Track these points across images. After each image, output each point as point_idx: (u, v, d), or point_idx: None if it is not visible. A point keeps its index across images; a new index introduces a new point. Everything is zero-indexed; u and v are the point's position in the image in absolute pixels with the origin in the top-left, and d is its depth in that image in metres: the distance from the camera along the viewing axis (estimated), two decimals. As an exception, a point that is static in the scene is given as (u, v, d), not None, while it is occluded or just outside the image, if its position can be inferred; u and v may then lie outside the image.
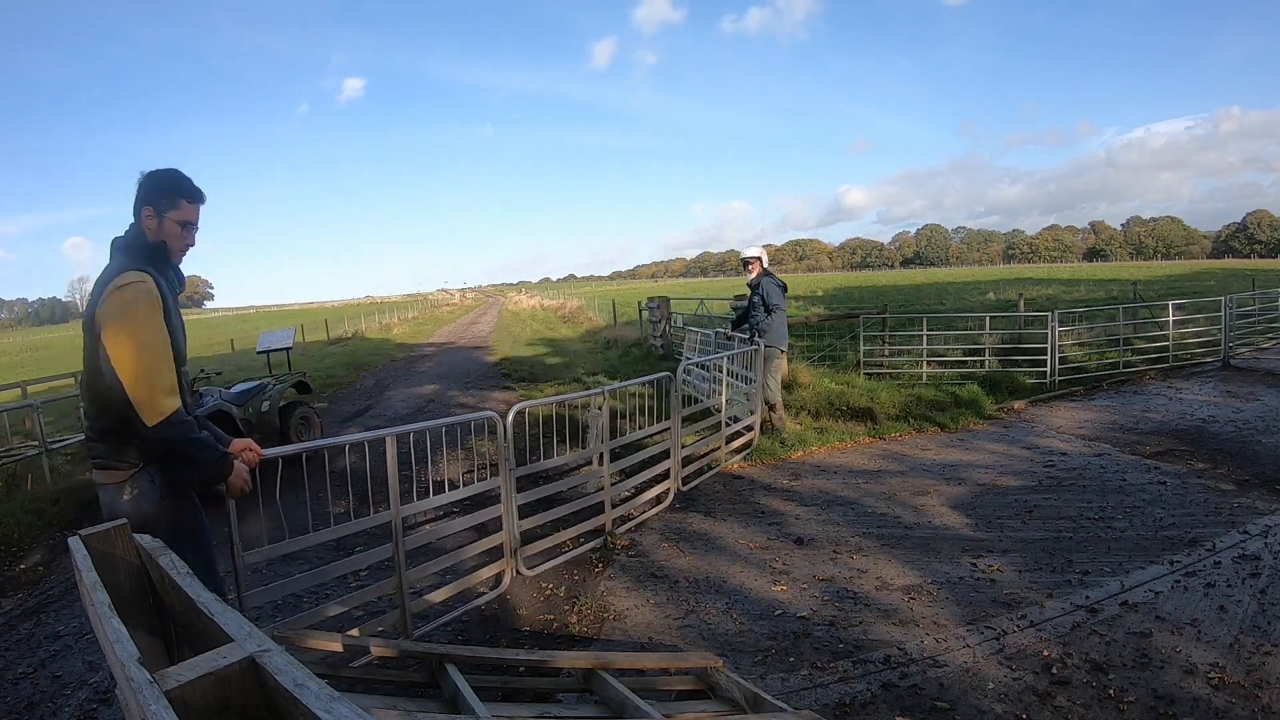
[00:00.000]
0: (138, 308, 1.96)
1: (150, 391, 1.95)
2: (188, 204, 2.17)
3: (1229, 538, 3.80)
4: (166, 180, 2.15)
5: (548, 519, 4.02)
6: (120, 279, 1.99)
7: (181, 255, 2.23)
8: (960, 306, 20.24)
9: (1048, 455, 5.63)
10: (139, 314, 1.96)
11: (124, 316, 1.95)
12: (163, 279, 2.09)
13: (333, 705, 0.70)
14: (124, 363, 1.94)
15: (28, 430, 7.93)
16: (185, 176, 2.19)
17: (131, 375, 1.94)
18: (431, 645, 2.30)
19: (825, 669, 2.82)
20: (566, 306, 30.44)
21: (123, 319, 1.95)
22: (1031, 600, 3.27)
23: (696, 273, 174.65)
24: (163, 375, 1.98)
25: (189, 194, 2.17)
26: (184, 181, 2.17)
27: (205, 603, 1.02)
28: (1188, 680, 2.57)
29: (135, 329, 1.95)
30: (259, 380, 6.88)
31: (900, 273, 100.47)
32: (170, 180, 2.15)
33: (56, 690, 3.04)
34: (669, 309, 12.95)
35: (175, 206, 2.15)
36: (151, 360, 1.96)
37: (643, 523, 4.59)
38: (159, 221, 2.14)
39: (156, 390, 1.96)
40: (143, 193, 2.14)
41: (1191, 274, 37.95)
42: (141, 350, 1.95)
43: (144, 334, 1.96)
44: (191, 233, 2.21)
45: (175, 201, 2.15)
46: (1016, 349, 9.12)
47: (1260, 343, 10.37)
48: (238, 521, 2.78)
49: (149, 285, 2.00)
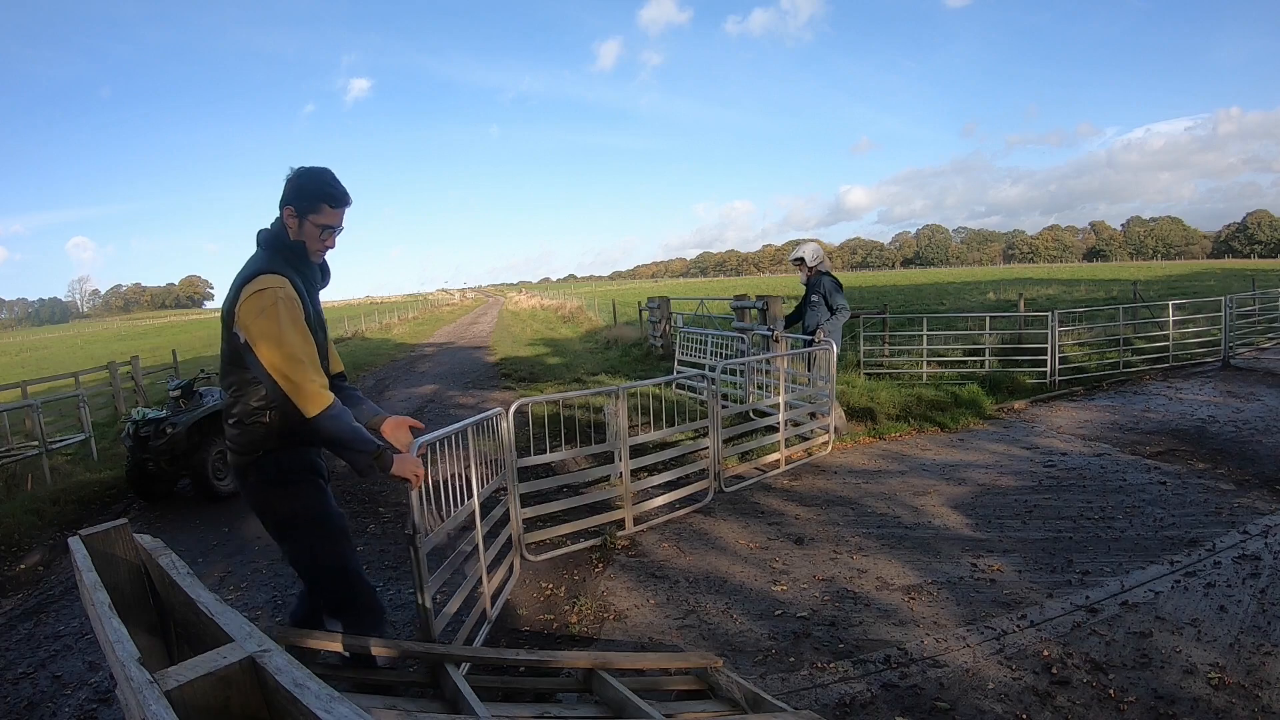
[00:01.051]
0: (279, 313, 2.03)
1: (305, 388, 2.04)
2: (329, 209, 2.20)
3: (1229, 538, 3.80)
4: (310, 183, 2.18)
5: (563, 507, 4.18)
6: (258, 282, 2.05)
7: (320, 256, 2.28)
8: (960, 306, 20.23)
9: (1048, 455, 5.62)
10: (282, 319, 2.03)
11: (268, 322, 2.02)
12: (301, 277, 2.18)
13: (333, 705, 0.70)
14: (275, 368, 2.03)
15: (28, 430, 7.94)
16: (331, 181, 2.20)
17: (284, 377, 2.03)
18: (432, 645, 2.30)
19: (825, 669, 2.82)
20: (566, 306, 30.44)
21: (267, 322, 2.02)
22: (1031, 600, 3.27)
23: (696, 273, 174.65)
24: (311, 373, 2.07)
25: (331, 199, 2.19)
26: (328, 186, 2.19)
27: (205, 603, 1.02)
28: (1188, 680, 2.57)
29: (280, 335, 2.02)
30: (259, 380, 6.87)
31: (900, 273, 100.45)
32: (313, 184, 2.18)
33: (56, 690, 3.04)
34: (669, 309, 12.95)
35: (316, 210, 2.18)
36: (300, 362, 2.05)
37: (675, 520, 4.64)
38: (299, 222, 2.18)
39: (311, 386, 2.05)
40: (287, 191, 2.17)
41: (1191, 274, 37.95)
42: (289, 355, 2.03)
43: (289, 339, 2.03)
44: (332, 236, 2.24)
45: (317, 206, 2.18)
46: (1016, 349, 9.12)
47: (1260, 343, 10.35)
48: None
49: (287, 290, 2.07)
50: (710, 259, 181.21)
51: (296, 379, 2.03)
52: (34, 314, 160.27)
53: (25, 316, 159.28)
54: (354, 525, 4.94)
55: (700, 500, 4.89)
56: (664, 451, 4.86)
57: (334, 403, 2.10)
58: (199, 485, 5.69)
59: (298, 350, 2.05)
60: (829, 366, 6.13)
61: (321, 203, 2.17)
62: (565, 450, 4.28)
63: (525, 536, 4.01)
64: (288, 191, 2.17)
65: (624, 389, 4.53)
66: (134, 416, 5.82)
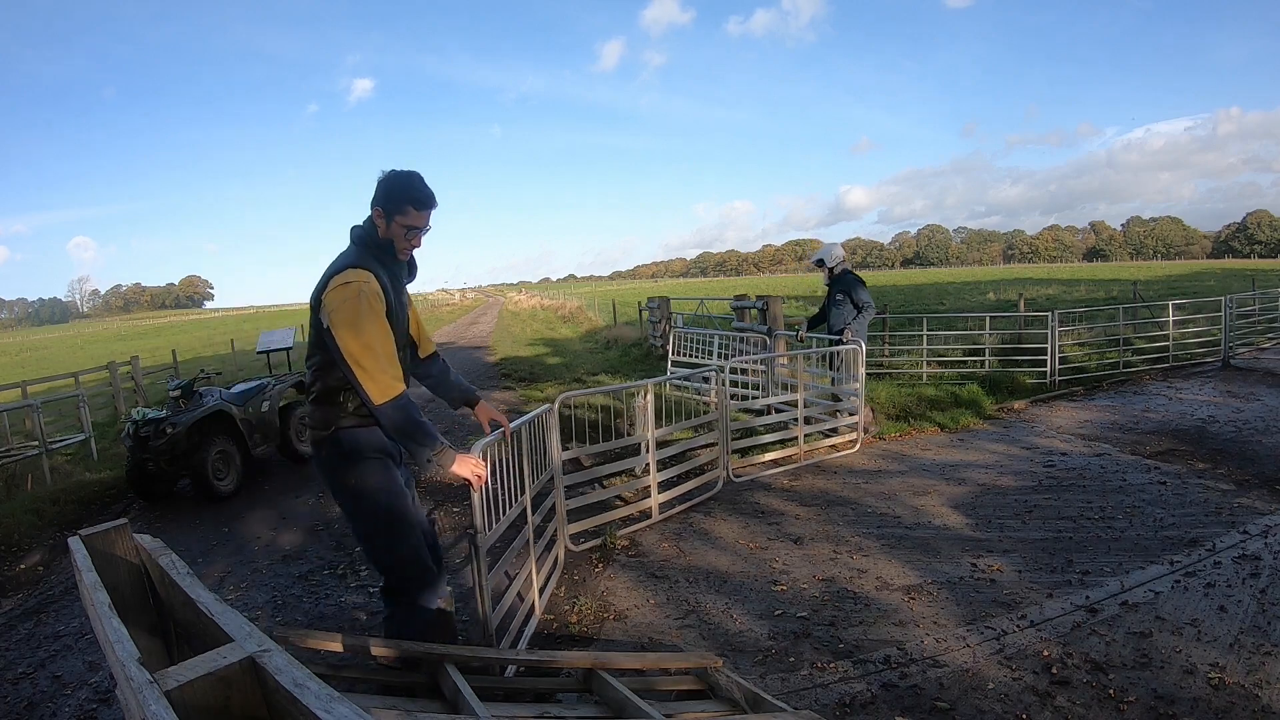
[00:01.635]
0: (360, 306, 2.17)
1: (376, 377, 2.19)
2: (415, 211, 2.32)
3: (1229, 538, 3.80)
4: (396, 186, 2.30)
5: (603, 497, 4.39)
6: (345, 275, 2.22)
7: (407, 254, 2.40)
8: (960, 306, 20.24)
9: (1048, 455, 5.63)
10: (361, 311, 2.17)
11: (348, 313, 2.17)
12: (387, 272, 2.32)
13: (333, 705, 0.70)
14: (350, 355, 2.18)
15: (28, 430, 7.94)
16: (417, 184, 2.32)
17: (357, 364, 2.18)
18: (431, 646, 2.29)
19: (825, 669, 2.82)
20: (566, 306, 30.44)
21: (347, 316, 2.17)
22: (1031, 600, 3.27)
23: (696, 273, 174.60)
24: (384, 364, 2.21)
25: (416, 202, 2.31)
26: (413, 189, 2.31)
27: (205, 603, 1.02)
28: (1188, 680, 2.57)
29: (359, 327, 2.17)
30: (259, 380, 6.88)
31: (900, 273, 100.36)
32: (399, 187, 2.30)
33: (56, 690, 3.05)
34: (669, 309, 12.95)
35: (402, 212, 2.30)
36: (374, 353, 2.18)
37: (693, 507, 4.80)
38: (387, 222, 2.32)
39: (382, 375, 2.19)
40: (377, 193, 2.32)
41: (1191, 274, 37.94)
42: (365, 346, 2.17)
43: (366, 331, 2.18)
44: (417, 236, 2.37)
45: (403, 208, 2.30)
46: (1016, 349, 9.12)
47: (1260, 343, 10.35)
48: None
49: (371, 285, 2.21)
50: (710, 259, 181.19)
51: (368, 367, 2.18)
52: (34, 314, 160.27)
53: (25, 316, 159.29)
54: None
55: (711, 489, 5.04)
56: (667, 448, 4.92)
57: (401, 395, 2.23)
58: (199, 485, 5.69)
59: (373, 341, 2.18)
60: (858, 365, 6.11)
61: (407, 205, 2.30)
62: (603, 443, 4.44)
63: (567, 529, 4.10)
64: (378, 193, 2.31)
65: (653, 383, 4.73)
66: (134, 416, 5.82)
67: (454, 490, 5.44)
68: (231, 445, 5.98)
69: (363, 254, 2.30)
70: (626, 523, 4.47)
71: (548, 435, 3.87)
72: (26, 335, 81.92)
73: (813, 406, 6.22)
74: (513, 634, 3.01)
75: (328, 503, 5.50)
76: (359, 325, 2.17)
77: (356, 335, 2.17)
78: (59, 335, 66.35)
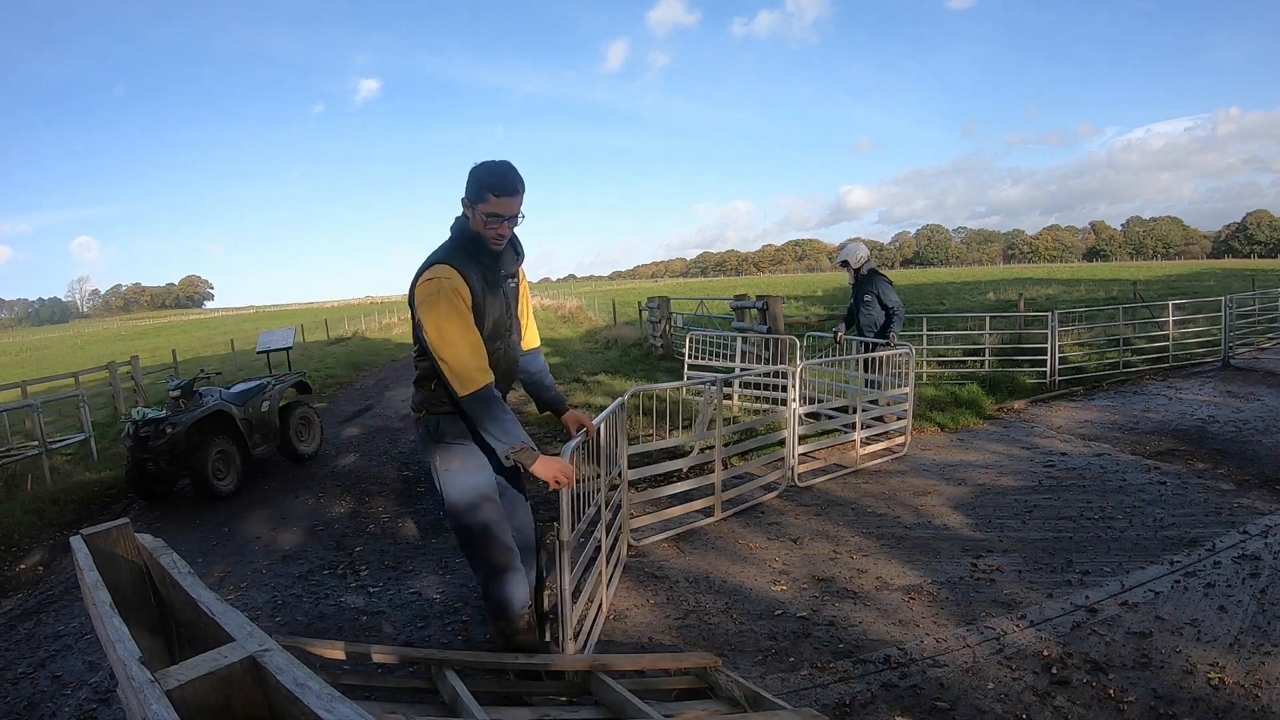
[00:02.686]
0: (439, 301, 2.26)
1: (457, 371, 2.28)
2: (495, 198, 2.30)
3: (1229, 538, 3.80)
4: (478, 175, 2.32)
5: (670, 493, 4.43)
6: (430, 272, 2.29)
7: (498, 244, 2.39)
8: (960, 306, 20.24)
9: (1048, 455, 5.63)
10: (441, 307, 2.26)
11: (430, 309, 2.27)
12: (480, 265, 2.36)
13: (334, 705, 0.70)
14: (435, 349, 2.29)
15: (28, 430, 7.94)
16: (499, 170, 2.32)
17: (440, 358, 2.29)
18: (430, 651, 2.30)
19: (825, 669, 2.82)
20: (566, 306, 30.44)
21: (429, 310, 2.27)
22: (1031, 600, 3.27)
23: (696, 272, 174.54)
24: (466, 358, 2.28)
25: (495, 188, 2.30)
26: (494, 175, 2.31)
27: (206, 602, 1.02)
28: (1188, 680, 2.57)
29: (440, 321, 2.26)
30: (259, 380, 6.88)
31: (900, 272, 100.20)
32: (480, 175, 2.32)
33: (56, 690, 3.04)
34: (669, 309, 12.95)
35: (484, 200, 2.30)
36: (455, 348, 2.27)
37: (755, 505, 4.79)
38: (473, 212, 2.35)
39: (464, 369, 2.28)
40: (466, 186, 2.35)
41: (1191, 274, 37.93)
42: (447, 342, 2.27)
43: (446, 327, 2.26)
44: (502, 224, 2.35)
45: (484, 195, 2.30)
46: (1016, 349, 9.12)
47: (1260, 343, 10.35)
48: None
49: (453, 281, 2.27)
50: (710, 259, 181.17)
51: (450, 361, 2.27)
52: (34, 314, 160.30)
53: (25, 316, 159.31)
54: (354, 526, 4.95)
55: (776, 489, 5.03)
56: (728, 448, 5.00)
57: (483, 389, 2.31)
58: (199, 485, 5.69)
59: (455, 337, 2.27)
60: (909, 370, 6.06)
61: (487, 192, 2.29)
62: (671, 438, 4.51)
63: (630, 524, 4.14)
64: (466, 185, 2.34)
65: (721, 379, 4.81)
66: (134, 416, 5.82)
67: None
68: (231, 445, 5.98)
69: (452, 248, 2.36)
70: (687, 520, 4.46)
71: (619, 432, 3.89)
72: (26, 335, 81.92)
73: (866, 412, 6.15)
74: (585, 633, 3.01)
75: (328, 502, 5.50)
76: (440, 322, 2.26)
77: (439, 331, 2.27)
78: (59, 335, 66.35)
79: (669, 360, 11.94)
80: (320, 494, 5.73)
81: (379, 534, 4.75)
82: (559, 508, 2.61)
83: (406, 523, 4.92)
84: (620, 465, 3.96)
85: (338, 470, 6.48)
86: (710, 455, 4.66)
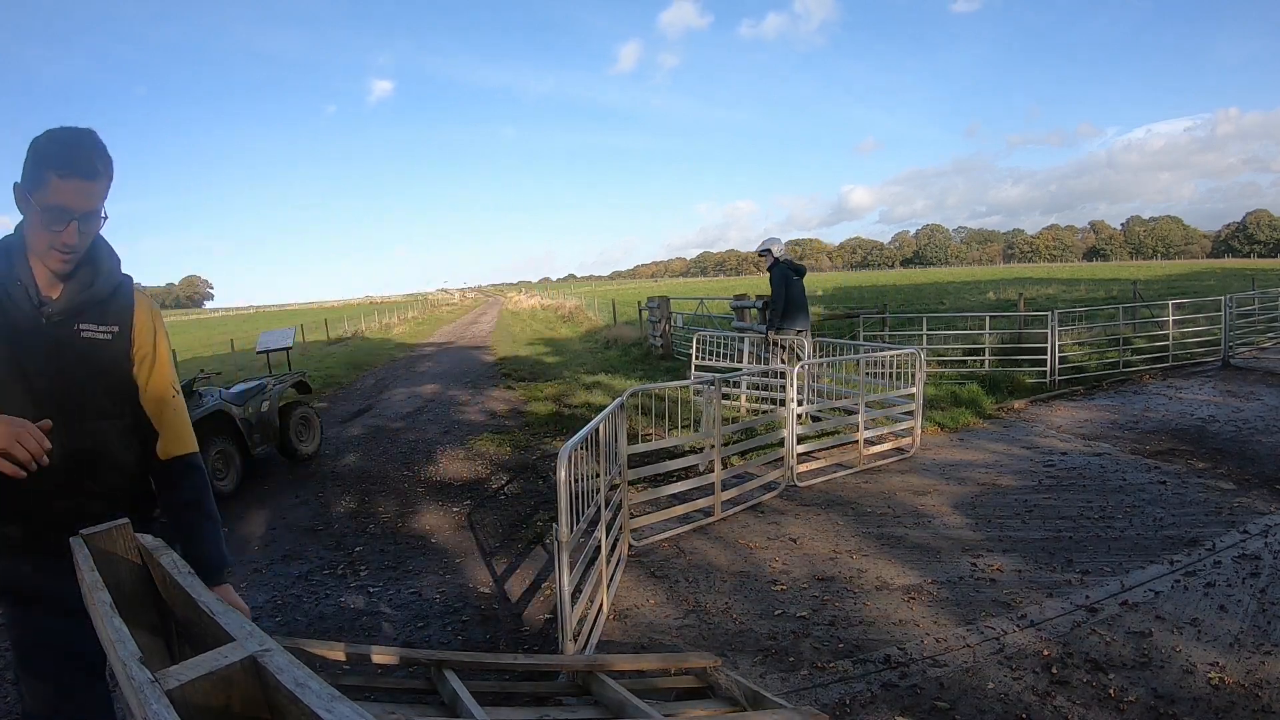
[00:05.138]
0: None
1: None
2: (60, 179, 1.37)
3: (1229, 537, 3.80)
4: (38, 147, 1.39)
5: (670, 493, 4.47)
6: None
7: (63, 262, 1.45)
8: (960, 306, 20.23)
9: (1048, 455, 5.62)
10: None
11: None
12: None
13: (334, 705, 0.70)
14: None
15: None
16: (67, 140, 1.40)
17: None
18: (430, 651, 2.30)
19: (825, 669, 2.82)
20: (566, 306, 30.45)
21: None
22: (1031, 600, 3.27)
23: (696, 272, 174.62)
24: None
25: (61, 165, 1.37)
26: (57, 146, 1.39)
27: (206, 602, 1.02)
28: (1188, 680, 2.57)
29: None
30: (259, 380, 6.88)
31: (900, 272, 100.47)
32: (42, 146, 1.39)
33: (57, 690, 3.04)
34: (669, 309, 12.95)
35: (42, 185, 1.38)
36: None
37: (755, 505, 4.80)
38: (28, 208, 1.42)
39: None
40: (23, 167, 1.42)
41: (1191, 274, 37.93)
42: None
43: None
44: (68, 226, 1.41)
45: (43, 177, 1.38)
46: (1016, 349, 9.12)
47: (1260, 343, 10.36)
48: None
49: None
50: (710, 259, 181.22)
51: None
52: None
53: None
54: (354, 526, 4.95)
55: (775, 488, 5.05)
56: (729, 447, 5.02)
57: None
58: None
59: None
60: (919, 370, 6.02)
61: (48, 171, 1.39)
62: (671, 438, 4.54)
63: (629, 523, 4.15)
64: (24, 165, 1.42)
65: (719, 379, 4.84)
66: (134, 416, 5.81)
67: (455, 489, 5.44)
68: (231, 445, 5.97)
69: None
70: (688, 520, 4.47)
71: (619, 432, 3.90)
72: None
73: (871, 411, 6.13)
74: (585, 633, 3.02)
75: (328, 502, 5.50)
76: None
77: None
78: (59, 335, 66.12)
79: (669, 360, 11.94)
80: (320, 494, 5.72)
81: (379, 534, 4.75)
82: (558, 509, 2.61)
83: (406, 523, 4.92)
84: (620, 465, 3.95)
85: (338, 470, 6.48)
86: (710, 454, 4.66)
